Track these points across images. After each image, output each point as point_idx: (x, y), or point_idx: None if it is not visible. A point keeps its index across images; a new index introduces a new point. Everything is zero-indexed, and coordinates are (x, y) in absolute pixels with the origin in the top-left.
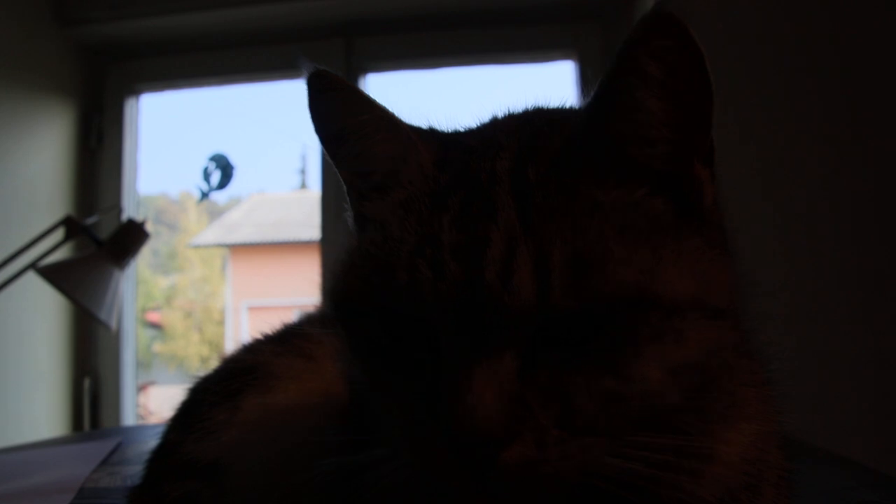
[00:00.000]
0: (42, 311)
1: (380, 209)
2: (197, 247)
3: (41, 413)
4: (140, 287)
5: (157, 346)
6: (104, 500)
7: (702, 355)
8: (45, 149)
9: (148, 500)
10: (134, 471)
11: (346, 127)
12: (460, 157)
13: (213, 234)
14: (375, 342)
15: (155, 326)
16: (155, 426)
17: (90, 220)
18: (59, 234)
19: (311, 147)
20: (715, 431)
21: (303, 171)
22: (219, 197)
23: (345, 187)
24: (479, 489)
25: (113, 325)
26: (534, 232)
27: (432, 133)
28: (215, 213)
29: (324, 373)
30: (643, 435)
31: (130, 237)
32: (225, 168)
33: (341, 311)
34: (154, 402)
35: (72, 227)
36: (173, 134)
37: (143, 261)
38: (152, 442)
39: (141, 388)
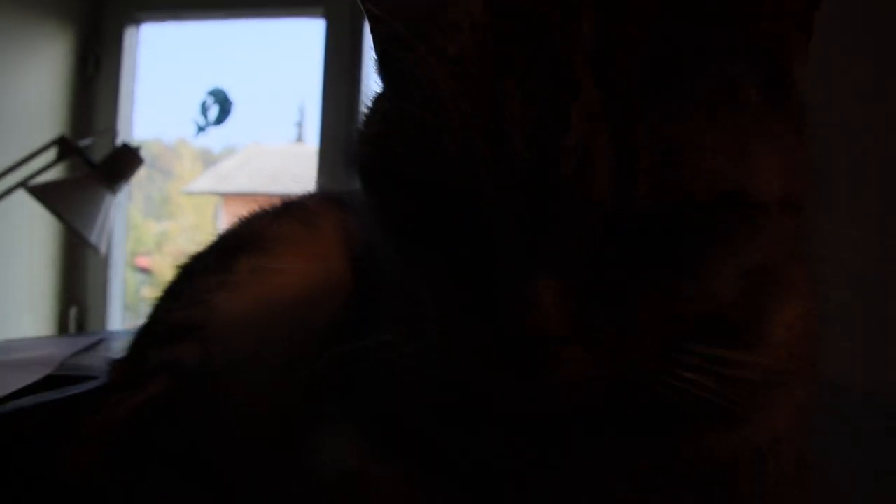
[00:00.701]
0: (31, 233)
1: (422, 61)
2: (190, 193)
3: (25, 336)
4: (131, 231)
5: (146, 291)
6: (85, 373)
7: (776, 252)
8: (41, 72)
9: (130, 368)
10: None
11: None
12: (523, 3)
13: (206, 181)
14: (415, 217)
15: (145, 271)
16: None
17: (84, 142)
18: (51, 155)
19: (309, 99)
20: (766, 312)
21: (300, 124)
22: (214, 144)
23: (369, 23)
24: (524, 387)
25: (103, 248)
26: (620, 114)
27: None
28: (210, 161)
29: (324, 241)
30: (701, 342)
31: (124, 161)
32: (223, 103)
33: (372, 178)
34: None
35: (65, 147)
36: (171, 72)
37: (135, 205)
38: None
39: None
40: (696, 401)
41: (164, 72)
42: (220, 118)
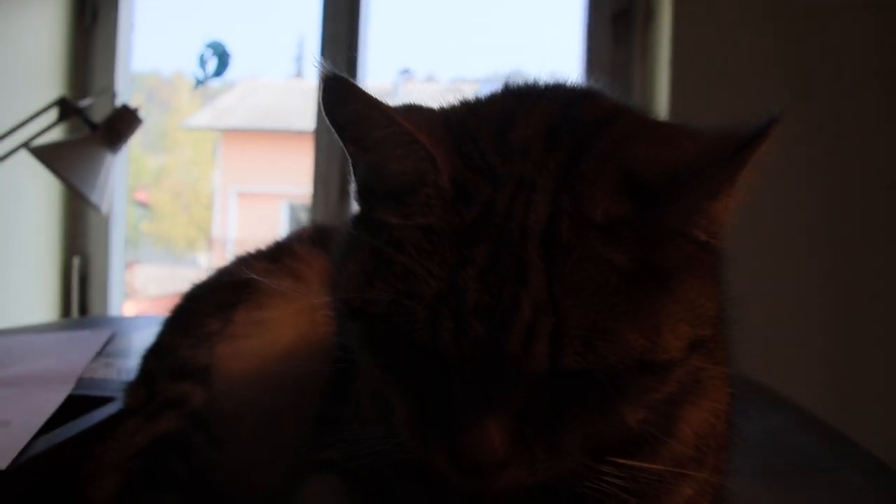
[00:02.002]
0: (33, 191)
1: (396, 222)
2: (188, 128)
3: (30, 291)
4: (130, 165)
5: (145, 226)
6: (103, 391)
7: (681, 386)
8: (38, 27)
9: (143, 395)
10: (128, 364)
11: (363, 138)
12: (486, 186)
13: (205, 116)
14: (389, 349)
15: (143, 205)
16: (145, 318)
17: (84, 103)
18: (52, 115)
19: (308, 34)
20: (678, 413)
21: (299, 59)
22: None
23: (351, 163)
24: (473, 490)
25: (104, 208)
26: (558, 301)
27: (450, 130)
28: (208, 96)
29: (311, 293)
30: (616, 453)
31: (123, 122)
32: (221, 56)
33: (354, 317)
34: (139, 280)
35: (66, 108)
36: (169, 10)
37: (133, 139)
38: (143, 334)
39: (127, 267)
40: (610, 495)
41: (161, 13)
42: (219, 70)
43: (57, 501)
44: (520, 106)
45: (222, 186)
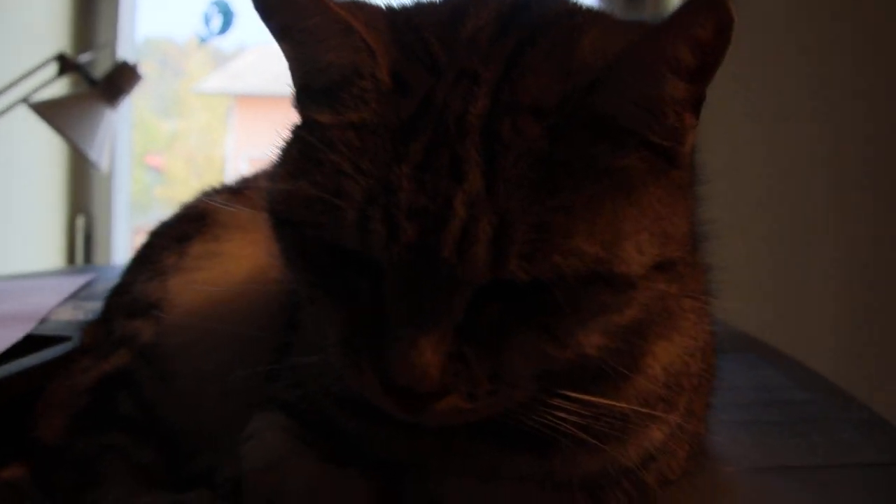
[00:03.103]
0: (36, 147)
1: (329, 121)
2: (201, 93)
3: (34, 248)
4: (142, 130)
5: (157, 190)
6: (62, 332)
7: (646, 311)
8: None
9: (100, 334)
10: (98, 307)
11: (294, 28)
12: (426, 77)
13: (217, 81)
14: (317, 261)
15: (156, 170)
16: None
17: (84, 58)
18: (51, 71)
19: None
20: (645, 346)
21: None
22: (225, 44)
23: (287, 63)
24: (406, 417)
25: (104, 164)
26: (499, 201)
27: (393, 23)
28: (221, 60)
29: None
30: (571, 386)
31: (123, 78)
32: (226, 14)
33: (281, 227)
34: None
35: (65, 64)
36: None
37: (146, 104)
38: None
39: (137, 231)
40: (562, 433)
41: None
42: (224, 28)
43: (7, 441)
44: (473, 2)
45: (234, 151)
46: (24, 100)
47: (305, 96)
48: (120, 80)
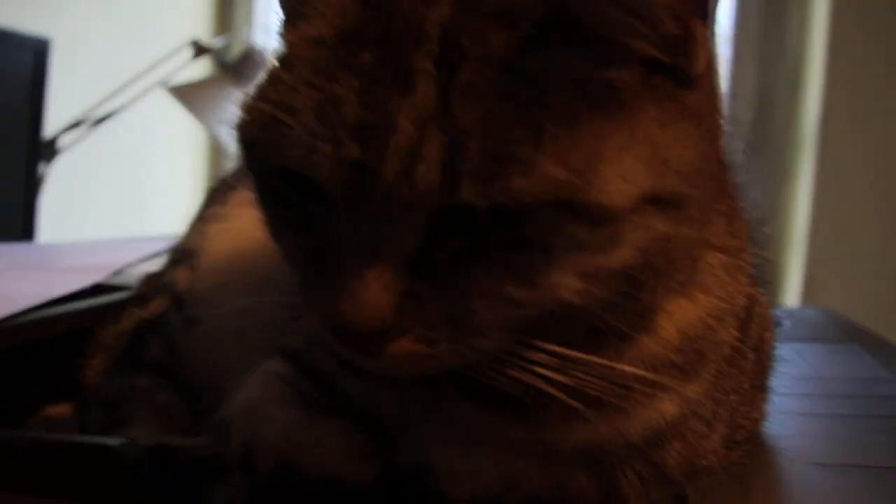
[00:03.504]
0: (177, 123)
1: (292, 37)
2: None
3: (173, 216)
4: None
5: None
6: (130, 283)
7: (644, 256)
8: None
9: (153, 283)
10: None
11: None
12: None
13: None
14: (277, 201)
15: None
16: None
17: (217, 43)
18: (186, 54)
19: None
20: (655, 302)
21: None
22: None
23: None
24: (363, 364)
25: (232, 144)
26: (453, 117)
27: None
28: None
29: None
30: (556, 341)
31: (249, 61)
32: None
33: (246, 155)
34: None
35: (198, 49)
36: None
37: None
38: None
39: None
40: (545, 394)
41: None
42: None
43: (60, 380)
44: None
45: None
46: (161, 83)
47: (281, 20)
48: (247, 63)
